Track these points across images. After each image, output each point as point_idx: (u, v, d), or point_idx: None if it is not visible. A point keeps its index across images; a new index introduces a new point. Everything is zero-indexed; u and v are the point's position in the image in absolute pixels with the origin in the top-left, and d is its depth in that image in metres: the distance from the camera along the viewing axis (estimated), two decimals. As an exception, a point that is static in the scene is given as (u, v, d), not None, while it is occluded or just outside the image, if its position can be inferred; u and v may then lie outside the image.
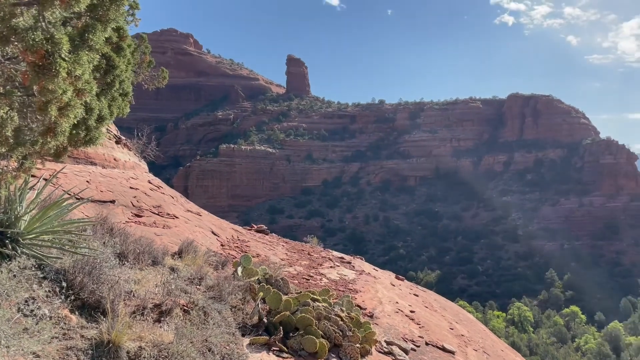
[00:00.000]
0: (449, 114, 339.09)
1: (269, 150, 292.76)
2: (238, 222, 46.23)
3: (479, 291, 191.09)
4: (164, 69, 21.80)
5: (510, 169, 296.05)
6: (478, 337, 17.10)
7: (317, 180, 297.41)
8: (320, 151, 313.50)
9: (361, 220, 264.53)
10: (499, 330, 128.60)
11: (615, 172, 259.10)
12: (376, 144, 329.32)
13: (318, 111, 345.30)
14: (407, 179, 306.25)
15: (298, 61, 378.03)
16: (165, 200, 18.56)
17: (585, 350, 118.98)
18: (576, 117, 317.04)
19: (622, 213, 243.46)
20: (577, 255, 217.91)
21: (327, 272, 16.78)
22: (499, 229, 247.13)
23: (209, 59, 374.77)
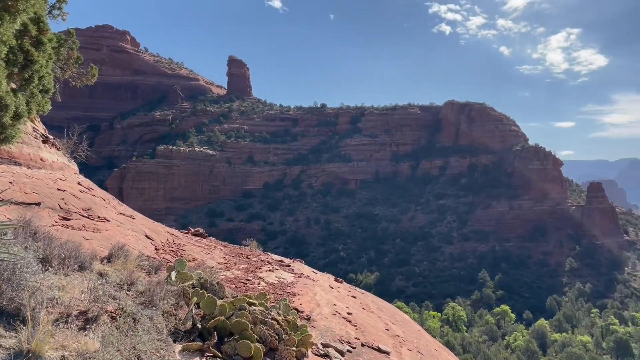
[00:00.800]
0: (389, 119, 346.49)
1: (208, 152, 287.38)
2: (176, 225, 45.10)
3: (416, 292, 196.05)
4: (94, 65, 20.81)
5: (446, 173, 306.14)
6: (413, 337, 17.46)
7: (258, 183, 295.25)
8: (262, 154, 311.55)
9: (302, 223, 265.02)
10: (434, 330, 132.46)
11: (542, 177, 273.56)
12: (318, 147, 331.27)
13: (260, 113, 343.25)
14: (348, 182, 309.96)
15: (240, 62, 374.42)
16: (96, 203, 17.79)
17: (514, 348, 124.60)
18: (507, 125, 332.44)
19: (548, 216, 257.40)
20: (508, 256, 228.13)
21: (265, 276, 16.64)
22: (435, 231, 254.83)
23: (147, 58, 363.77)
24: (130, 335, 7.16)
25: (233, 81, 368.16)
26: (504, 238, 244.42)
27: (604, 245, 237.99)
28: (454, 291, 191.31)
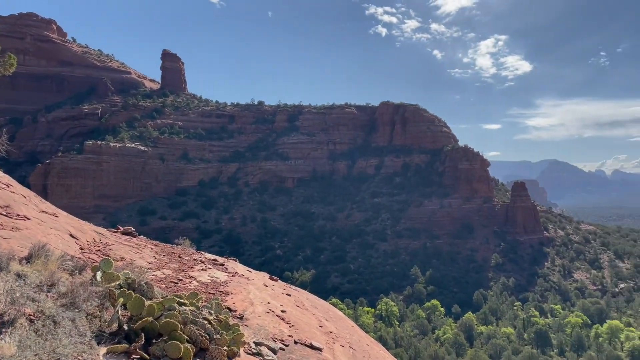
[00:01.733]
0: (326, 118, 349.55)
1: (140, 148, 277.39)
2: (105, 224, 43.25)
3: (351, 289, 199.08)
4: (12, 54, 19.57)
5: (381, 172, 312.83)
6: (346, 333, 17.70)
7: (192, 180, 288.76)
8: (197, 150, 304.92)
9: (238, 222, 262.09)
10: (368, 326, 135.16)
11: (471, 177, 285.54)
12: (255, 144, 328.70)
13: (195, 109, 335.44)
14: (285, 180, 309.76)
15: (174, 56, 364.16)
16: (16, 200, 16.76)
17: (443, 341, 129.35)
18: (439, 126, 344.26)
19: (476, 214, 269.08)
20: (438, 252, 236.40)
21: (197, 275, 16.33)
22: (370, 228, 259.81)
23: (74, 48, 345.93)
24: (50, 338, 6.81)
25: (167, 76, 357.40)
26: (435, 235, 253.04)
27: (526, 241, 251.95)
28: (387, 287, 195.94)
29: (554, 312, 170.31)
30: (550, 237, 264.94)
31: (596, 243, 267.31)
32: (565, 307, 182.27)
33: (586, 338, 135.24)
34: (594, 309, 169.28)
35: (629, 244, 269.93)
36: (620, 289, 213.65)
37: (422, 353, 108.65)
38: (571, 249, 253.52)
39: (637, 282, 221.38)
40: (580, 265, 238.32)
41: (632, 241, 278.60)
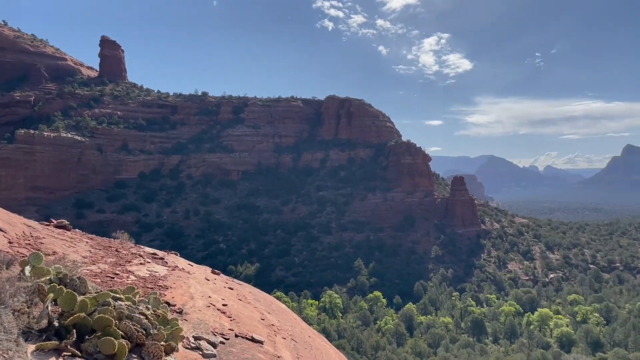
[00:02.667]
0: (272, 111, 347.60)
1: (77, 138, 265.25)
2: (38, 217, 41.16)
3: (295, 281, 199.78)
4: None
5: (326, 165, 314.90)
6: (288, 326, 17.73)
7: (132, 172, 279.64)
8: (137, 141, 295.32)
9: (181, 215, 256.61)
10: (311, 318, 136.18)
11: (413, 171, 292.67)
12: (198, 136, 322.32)
13: (135, 99, 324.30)
14: (230, 173, 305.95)
15: (113, 44, 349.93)
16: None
17: (385, 331, 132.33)
18: (383, 121, 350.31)
19: (417, 207, 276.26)
20: (381, 245, 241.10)
21: (136, 269, 15.88)
22: (315, 222, 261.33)
23: (5, 32, 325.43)
24: (-29, 337, 6.43)
25: (106, 63, 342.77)
26: (378, 228, 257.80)
27: (465, 234, 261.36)
28: (331, 279, 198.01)
29: (489, 302, 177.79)
30: (487, 229, 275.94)
31: (529, 235, 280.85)
32: (500, 296, 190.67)
33: (518, 326, 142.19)
34: (526, 298, 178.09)
35: (559, 236, 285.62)
36: (550, 278, 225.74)
37: (364, 343, 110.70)
38: (506, 241, 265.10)
39: (566, 272, 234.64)
40: (514, 256, 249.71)
41: (561, 233, 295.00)
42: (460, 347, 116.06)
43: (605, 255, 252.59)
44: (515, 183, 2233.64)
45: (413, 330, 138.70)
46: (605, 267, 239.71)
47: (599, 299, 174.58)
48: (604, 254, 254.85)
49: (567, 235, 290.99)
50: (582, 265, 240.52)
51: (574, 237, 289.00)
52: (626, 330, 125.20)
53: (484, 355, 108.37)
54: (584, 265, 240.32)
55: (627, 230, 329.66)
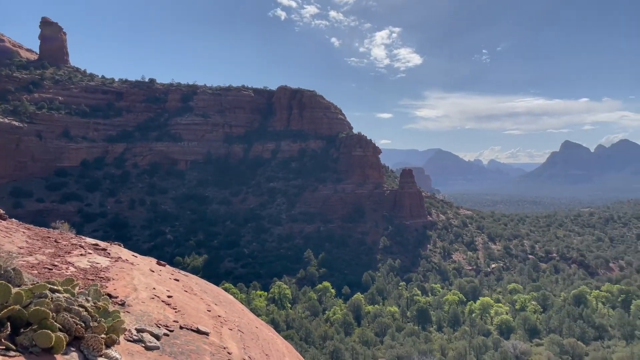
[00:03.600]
0: (222, 99, 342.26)
1: (14, 123, 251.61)
2: (-32, 206, 38.79)
3: (245, 273, 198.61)
4: None
5: (278, 156, 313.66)
6: (235, 317, 17.66)
7: (74, 160, 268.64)
8: (80, 128, 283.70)
9: (125, 205, 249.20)
10: (260, 309, 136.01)
11: (363, 164, 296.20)
12: (145, 124, 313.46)
13: (78, 84, 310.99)
14: (178, 162, 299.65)
15: (55, 26, 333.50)
16: None
17: (333, 321, 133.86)
18: (334, 113, 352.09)
19: (367, 199, 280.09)
20: (331, 236, 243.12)
21: (76, 261, 15.33)
22: (265, 213, 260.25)
23: None
24: None
25: (46, 46, 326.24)
26: (328, 219, 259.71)
27: (412, 225, 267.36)
28: (281, 270, 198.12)
29: (434, 291, 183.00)
30: (433, 221, 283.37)
31: (472, 227, 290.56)
32: (444, 286, 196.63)
33: (461, 314, 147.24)
34: (468, 287, 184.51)
35: (500, 227, 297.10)
36: (492, 268, 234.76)
37: (312, 333, 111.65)
38: (451, 232, 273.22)
39: (506, 262, 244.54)
40: (459, 247, 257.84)
41: (503, 225, 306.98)
42: (406, 335, 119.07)
43: (543, 246, 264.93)
44: (461, 176, 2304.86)
45: (361, 320, 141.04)
46: (543, 257, 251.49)
47: (537, 287, 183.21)
48: (542, 245, 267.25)
49: (508, 227, 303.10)
50: (521, 256, 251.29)
51: (515, 228, 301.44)
52: (561, 317, 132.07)
53: (428, 343, 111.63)
54: (523, 256, 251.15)
55: (564, 222, 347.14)
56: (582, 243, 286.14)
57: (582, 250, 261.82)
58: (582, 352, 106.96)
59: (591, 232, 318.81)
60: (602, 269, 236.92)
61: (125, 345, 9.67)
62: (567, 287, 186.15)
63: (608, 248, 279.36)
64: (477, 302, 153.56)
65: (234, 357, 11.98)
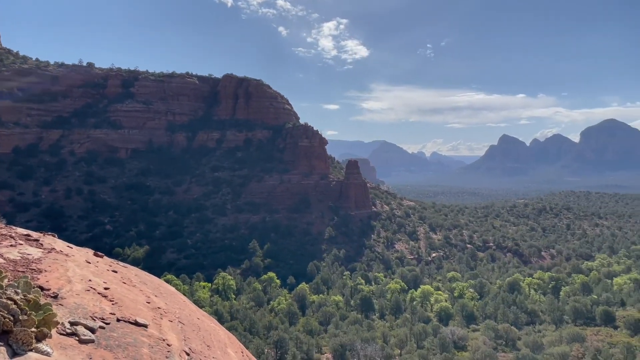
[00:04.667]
0: (165, 86, 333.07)
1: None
2: None
3: (188, 264, 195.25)
4: None
5: (223, 146, 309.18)
6: (176, 308, 17.31)
7: (6, 147, 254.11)
8: (12, 113, 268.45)
9: (61, 194, 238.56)
10: (204, 300, 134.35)
11: (310, 154, 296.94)
12: (83, 110, 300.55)
13: (10, 67, 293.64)
14: (118, 150, 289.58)
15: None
16: None
17: (278, 311, 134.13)
18: (281, 103, 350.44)
19: (313, 189, 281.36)
20: (277, 226, 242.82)
21: (5, 252, 14.56)
22: (210, 203, 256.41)
23: None
24: None
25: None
26: (274, 209, 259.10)
27: (357, 215, 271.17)
28: (225, 261, 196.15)
29: (378, 280, 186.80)
30: (378, 211, 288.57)
31: (415, 217, 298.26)
32: (387, 274, 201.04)
33: (403, 302, 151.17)
34: (410, 275, 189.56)
35: (441, 217, 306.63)
36: (432, 257, 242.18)
37: (257, 324, 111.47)
38: (394, 222, 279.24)
39: (446, 251, 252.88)
40: (401, 237, 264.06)
41: (443, 215, 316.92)
42: (350, 323, 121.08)
43: (480, 236, 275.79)
44: (404, 168, 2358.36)
45: (305, 309, 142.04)
46: (481, 246, 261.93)
47: (474, 275, 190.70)
48: (479, 235, 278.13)
49: (449, 217, 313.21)
50: (460, 245, 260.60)
51: (455, 219, 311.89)
52: (496, 304, 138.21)
53: (371, 330, 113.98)
54: (462, 245, 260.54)
55: (500, 213, 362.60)
56: (517, 233, 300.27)
57: (516, 239, 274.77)
58: (515, 336, 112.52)
59: (525, 223, 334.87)
60: (535, 258, 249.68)
61: (58, 339, 9.31)
62: (503, 275, 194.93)
63: (540, 237, 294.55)
64: (418, 290, 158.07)
65: (174, 349, 11.80)
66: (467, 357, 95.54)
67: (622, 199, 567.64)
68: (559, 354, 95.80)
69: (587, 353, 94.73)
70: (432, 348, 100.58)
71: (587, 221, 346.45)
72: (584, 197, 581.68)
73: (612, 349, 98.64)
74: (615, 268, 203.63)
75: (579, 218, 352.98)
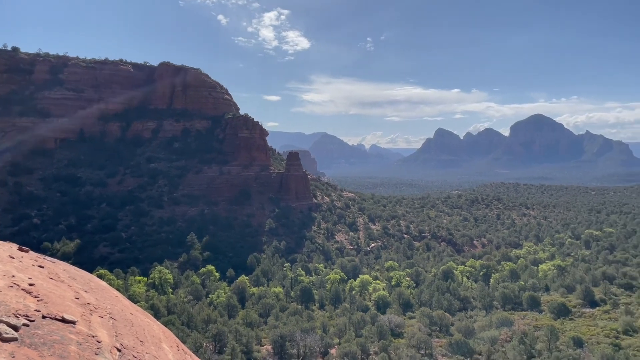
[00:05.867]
0: (97, 74, 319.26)
1: None
2: None
3: (122, 258, 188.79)
4: None
5: (159, 136, 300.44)
6: (107, 304, 16.79)
7: None
8: None
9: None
10: (139, 295, 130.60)
11: (250, 145, 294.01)
12: (7, 97, 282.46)
13: None
14: (46, 140, 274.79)
15: None
16: None
17: (217, 304, 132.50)
18: (221, 93, 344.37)
19: (253, 181, 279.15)
20: (216, 219, 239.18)
21: None
22: (145, 195, 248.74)
23: None
24: None
25: None
26: (213, 202, 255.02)
27: (298, 207, 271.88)
28: (162, 255, 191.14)
29: (318, 271, 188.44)
30: (318, 203, 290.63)
31: (354, 208, 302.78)
32: (327, 265, 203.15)
33: (342, 292, 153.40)
34: (350, 266, 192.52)
35: (380, 208, 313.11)
36: (371, 247, 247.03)
37: (195, 318, 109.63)
38: (334, 213, 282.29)
39: (384, 241, 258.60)
40: (341, 228, 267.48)
41: (382, 206, 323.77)
42: (290, 314, 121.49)
43: (417, 226, 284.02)
44: (344, 160, 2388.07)
45: (245, 302, 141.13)
46: (417, 236, 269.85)
47: (411, 264, 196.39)
48: (416, 225, 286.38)
49: (387, 208, 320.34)
50: (398, 235, 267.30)
51: (393, 209, 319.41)
52: (431, 291, 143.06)
53: (310, 321, 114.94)
54: (399, 235, 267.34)
55: (436, 203, 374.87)
56: (451, 223, 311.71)
57: (450, 229, 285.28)
58: (449, 322, 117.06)
59: (459, 213, 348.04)
60: (467, 246, 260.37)
61: (-25, 339, 8.75)
62: (437, 264, 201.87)
63: (473, 227, 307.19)
64: (357, 280, 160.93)
65: (104, 345, 11.42)
66: (403, 343, 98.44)
67: (547, 190, 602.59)
68: (489, 338, 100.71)
69: (514, 336, 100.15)
70: (370, 336, 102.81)
71: (516, 211, 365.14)
72: (512, 189, 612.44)
73: (537, 332, 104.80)
74: (541, 255, 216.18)
75: (508, 208, 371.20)
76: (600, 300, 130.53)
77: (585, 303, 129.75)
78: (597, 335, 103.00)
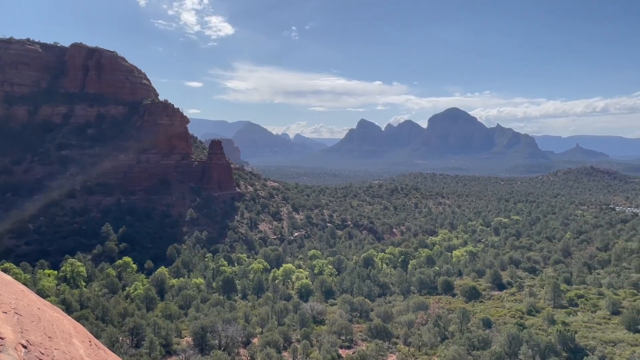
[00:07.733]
0: (2, 53, 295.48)
1: None
2: None
3: (30, 251, 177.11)
4: None
5: (71, 121, 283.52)
6: (12, 299, 15.76)
7: None
8: None
9: None
10: (49, 289, 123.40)
11: (170, 133, 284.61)
12: None
13: None
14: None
15: None
16: None
17: (134, 297, 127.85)
18: (138, 77, 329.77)
19: (173, 170, 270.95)
20: (133, 209, 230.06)
21: None
22: (56, 184, 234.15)
23: None
24: None
25: None
26: (131, 191, 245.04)
27: (220, 196, 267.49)
28: (74, 247, 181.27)
29: (241, 261, 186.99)
30: (242, 192, 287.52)
31: (278, 198, 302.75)
32: (251, 255, 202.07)
33: (265, 281, 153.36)
34: (273, 255, 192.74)
35: (304, 198, 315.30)
36: (295, 237, 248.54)
37: (110, 312, 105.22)
38: (258, 203, 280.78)
39: (308, 230, 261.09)
40: (265, 217, 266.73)
41: (306, 196, 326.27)
42: (211, 305, 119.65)
43: (340, 215, 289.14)
44: (269, 149, 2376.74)
45: (165, 294, 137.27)
46: (340, 224, 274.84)
47: (333, 252, 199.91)
48: (339, 214, 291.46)
49: (311, 198, 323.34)
50: (321, 224, 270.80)
51: (316, 199, 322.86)
52: (352, 278, 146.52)
53: (233, 311, 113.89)
54: (322, 224, 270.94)
55: (358, 193, 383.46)
56: (372, 212, 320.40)
57: (371, 218, 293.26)
58: (369, 308, 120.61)
59: (380, 202, 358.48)
60: (387, 234, 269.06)
61: None
62: (359, 251, 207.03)
63: (392, 215, 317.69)
64: (280, 269, 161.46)
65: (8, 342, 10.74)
66: (324, 330, 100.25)
67: (461, 180, 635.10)
68: (406, 322, 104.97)
69: (429, 319, 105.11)
70: (292, 324, 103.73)
71: (432, 200, 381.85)
72: (429, 179, 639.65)
73: (450, 314, 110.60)
74: (455, 242, 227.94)
75: (425, 197, 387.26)
76: (507, 284, 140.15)
77: (494, 286, 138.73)
78: (504, 316, 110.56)
